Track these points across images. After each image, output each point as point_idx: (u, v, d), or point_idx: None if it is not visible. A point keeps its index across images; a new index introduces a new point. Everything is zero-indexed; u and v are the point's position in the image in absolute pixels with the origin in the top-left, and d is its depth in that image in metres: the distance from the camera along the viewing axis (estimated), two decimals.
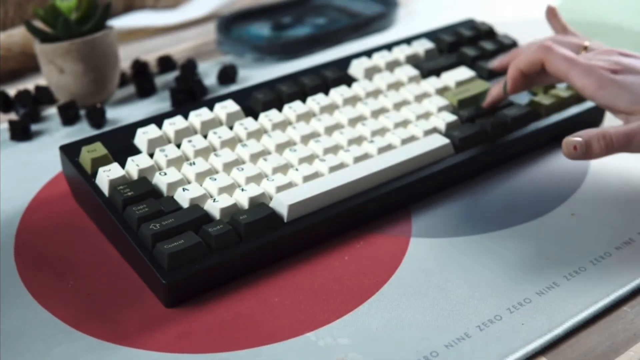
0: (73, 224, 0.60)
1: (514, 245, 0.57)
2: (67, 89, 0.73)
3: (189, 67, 0.81)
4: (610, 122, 0.70)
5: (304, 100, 0.66)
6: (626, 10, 0.94)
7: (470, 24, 0.78)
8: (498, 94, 0.64)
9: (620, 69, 0.57)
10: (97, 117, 0.72)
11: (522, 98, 0.68)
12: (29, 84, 0.80)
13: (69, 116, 0.73)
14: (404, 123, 0.64)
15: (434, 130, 0.63)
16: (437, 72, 0.71)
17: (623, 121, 0.57)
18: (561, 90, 0.68)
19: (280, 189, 0.57)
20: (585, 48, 0.62)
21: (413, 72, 0.70)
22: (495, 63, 0.70)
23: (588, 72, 0.57)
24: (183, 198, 0.55)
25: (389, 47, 0.73)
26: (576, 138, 0.55)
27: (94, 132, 0.71)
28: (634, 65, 0.57)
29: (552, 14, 0.69)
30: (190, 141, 0.60)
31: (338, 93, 0.66)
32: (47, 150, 0.69)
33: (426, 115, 0.65)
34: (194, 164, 0.58)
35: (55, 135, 0.72)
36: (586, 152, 0.55)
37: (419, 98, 0.67)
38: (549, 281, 0.53)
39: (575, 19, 0.92)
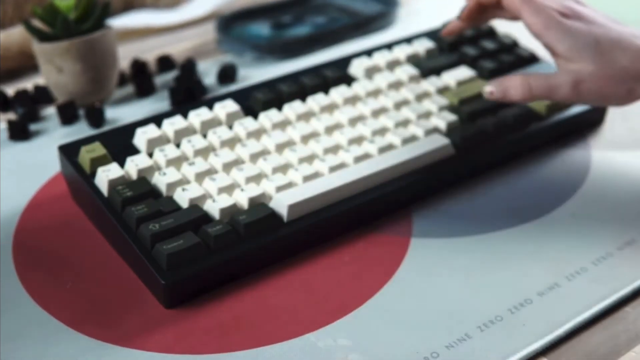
0: (72, 224, 0.59)
1: (515, 245, 0.56)
2: (66, 89, 0.73)
3: (189, 67, 0.80)
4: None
5: (304, 100, 0.66)
6: (626, 9, 0.94)
7: None
8: (455, 25, 0.66)
9: (570, 13, 0.58)
10: (96, 117, 0.72)
11: None
12: (28, 84, 0.80)
13: (67, 116, 0.73)
14: (405, 123, 0.64)
15: (435, 130, 0.63)
16: (437, 72, 0.70)
17: (558, 66, 0.59)
18: None
19: (280, 189, 0.56)
20: None
21: (413, 71, 0.69)
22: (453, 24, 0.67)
23: (538, 10, 0.58)
24: (182, 198, 0.55)
25: (389, 46, 0.73)
26: (492, 86, 0.59)
27: (93, 131, 0.70)
28: (584, 13, 0.58)
29: None
30: (189, 141, 0.60)
31: (338, 93, 0.66)
32: (45, 150, 0.69)
33: (427, 115, 0.65)
34: (193, 163, 0.58)
35: (54, 135, 0.72)
36: (504, 97, 0.59)
37: (420, 98, 0.67)
38: (550, 281, 0.53)
39: None
